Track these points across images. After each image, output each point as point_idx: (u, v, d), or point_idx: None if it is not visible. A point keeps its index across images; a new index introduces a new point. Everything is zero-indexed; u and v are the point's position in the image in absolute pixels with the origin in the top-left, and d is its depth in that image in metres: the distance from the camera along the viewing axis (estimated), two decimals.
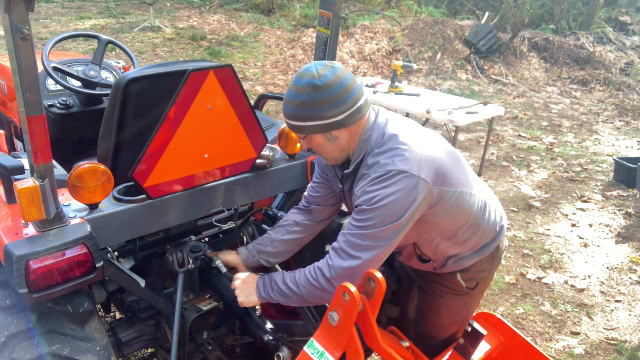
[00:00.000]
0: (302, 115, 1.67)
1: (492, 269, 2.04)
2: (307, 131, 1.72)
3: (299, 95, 1.65)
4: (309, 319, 2.16)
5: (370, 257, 1.67)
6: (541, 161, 6.24)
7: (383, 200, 1.62)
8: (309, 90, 1.63)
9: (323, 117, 1.66)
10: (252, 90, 7.85)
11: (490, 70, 9.98)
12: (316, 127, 1.69)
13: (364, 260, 1.67)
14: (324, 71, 1.64)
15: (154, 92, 1.89)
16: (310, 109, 1.65)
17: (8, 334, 1.56)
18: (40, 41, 9.10)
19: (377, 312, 1.76)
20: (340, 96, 1.65)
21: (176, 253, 2.12)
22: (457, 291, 2.01)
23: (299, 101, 1.66)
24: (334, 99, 1.64)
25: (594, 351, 3.19)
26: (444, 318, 2.10)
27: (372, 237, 1.65)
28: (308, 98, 1.64)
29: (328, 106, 1.65)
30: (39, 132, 1.46)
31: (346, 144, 1.75)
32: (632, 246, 4.40)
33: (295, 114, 1.68)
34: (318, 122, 1.67)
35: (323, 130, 1.70)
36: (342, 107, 1.66)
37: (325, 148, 1.77)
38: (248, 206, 2.48)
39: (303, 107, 1.66)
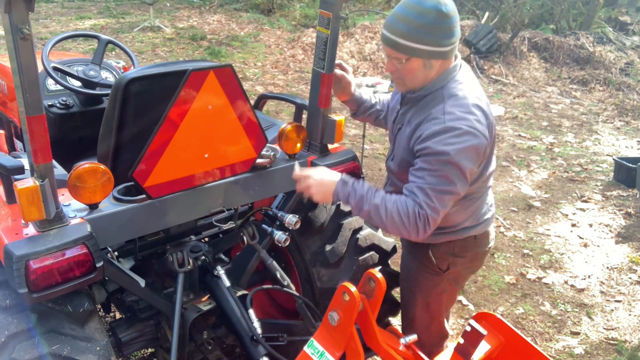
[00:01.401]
0: (418, 37, 1.69)
1: (464, 257, 2.10)
2: (415, 53, 1.73)
3: (422, 16, 1.66)
4: (309, 319, 2.16)
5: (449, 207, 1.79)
6: (541, 161, 6.24)
7: (456, 156, 1.69)
8: (434, 14, 1.66)
9: (436, 44, 1.71)
10: (252, 90, 7.85)
11: (490, 70, 9.98)
12: (426, 52, 1.72)
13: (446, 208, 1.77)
14: (448, 1, 1.69)
15: (154, 92, 1.89)
16: (430, 33, 1.68)
17: (8, 334, 1.56)
18: (40, 41, 9.10)
19: (377, 312, 1.76)
20: (454, 28, 1.72)
21: (176, 253, 2.12)
22: (429, 268, 2.11)
23: (420, 22, 1.67)
24: (450, 30, 1.70)
25: (594, 351, 3.19)
26: (417, 297, 2.22)
27: (452, 194, 1.74)
28: (431, 22, 1.66)
29: (444, 35, 1.70)
30: (39, 132, 1.46)
31: (434, 74, 1.80)
32: (632, 246, 4.40)
33: (411, 33, 1.69)
34: (430, 48, 1.71)
35: (429, 56, 1.74)
36: (452, 39, 1.73)
37: (415, 74, 1.80)
38: (248, 206, 2.48)
39: (422, 29, 1.68)
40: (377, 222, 1.83)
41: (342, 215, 2.45)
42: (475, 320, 1.88)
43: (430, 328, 2.29)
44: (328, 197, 1.89)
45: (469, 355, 1.83)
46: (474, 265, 2.20)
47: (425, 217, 1.74)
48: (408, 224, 1.75)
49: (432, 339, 2.31)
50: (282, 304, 2.92)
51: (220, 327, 2.34)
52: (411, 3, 1.69)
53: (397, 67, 1.81)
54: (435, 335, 2.33)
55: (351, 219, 2.45)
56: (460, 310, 3.47)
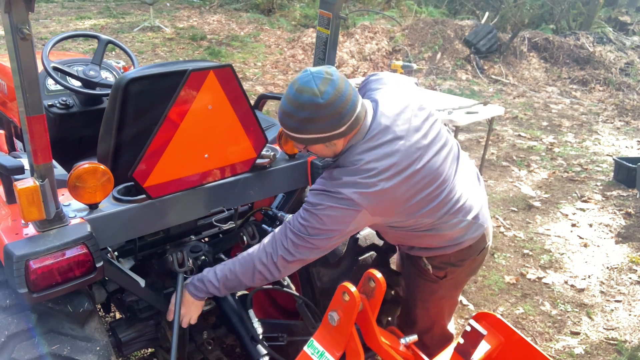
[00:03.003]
0: (304, 130, 1.70)
1: (462, 264, 2.05)
2: (309, 142, 1.76)
3: (300, 111, 1.66)
4: (309, 319, 2.16)
5: (306, 257, 1.81)
6: (541, 161, 6.24)
7: (324, 212, 1.71)
8: (311, 107, 1.64)
9: (325, 131, 1.69)
10: (252, 90, 7.85)
11: (490, 70, 9.98)
12: (317, 139, 1.73)
13: (301, 258, 1.80)
14: (324, 86, 1.64)
15: (154, 92, 1.89)
16: (313, 125, 1.67)
17: (8, 334, 1.56)
18: (40, 41, 9.10)
19: (377, 312, 1.76)
20: (341, 110, 1.66)
21: (176, 253, 2.12)
22: (426, 276, 2.10)
23: (300, 117, 1.67)
24: (336, 114, 1.66)
25: (594, 351, 3.19)
26: (417, 301, 2.22)
27: (309, 242, 1.76)
28: (310, 115, 1.65)
29: (330, 121, 1.67)
30: (39, 132, 1.46)
31: (341, 147, 1.80)
32: (632, 246, 4.40)
33: (296, 127, 1.70)
34: (320, 135, 1.71)
35: (324, 141, 1.74)
36: (344, 120, 1.68)
37: (322, 152, 1.84)
38: (248, 206, 2.48)
39: (305, 123, 1.67)
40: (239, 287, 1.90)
41: None
42: (475, 320, 1.88)
43: (433, 330, 2.28)
44: (199, 306, 1.99)
45: (469, 355, 1.83)
46: (473, 267, 2.16)
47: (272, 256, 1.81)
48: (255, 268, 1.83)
49: (434, 340, 2.29)
50: (282, 304, 2.92)
51: (220, 327, 2.34)
52: (291, 97, 1.68)
53: (302, 148, 1.85)
54: (438, 337, 2.31)
55: None
56: (460, 310, 3.47)
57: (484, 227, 2.03)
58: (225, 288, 1.89)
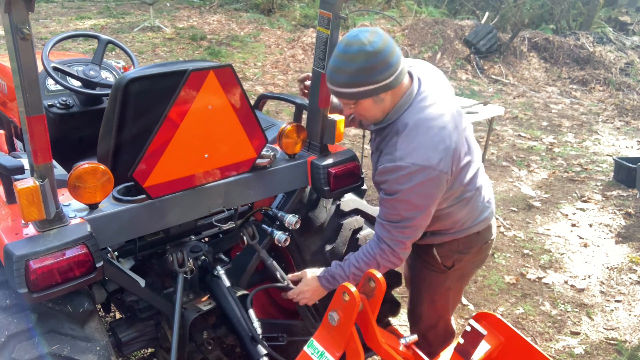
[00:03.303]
0: (356, 82, 1.76)
1: (469, 253, 2.14)
2: (359, 96, 1.80)
3: (351, 63, 1.73)
4: (309, 319, 2.16)
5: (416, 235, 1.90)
6: (541, 161, 6.24)
7: (407, 195, 1.78)
8: (362, 57, 1.71)
9: (376, 81, 1.75)
10: (252, 90, 7.85)
11: (490, 70, 9.98)
12: (368, 92, 1.78)
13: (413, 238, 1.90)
14: (372, 37, 1.72)
15: (154, 92, 1.89)
16: (365, 75, 1.74)
17: (8, 334, 1.56)
18: (40, 41, 9.10)
19: (377, 312, 1.76)
20: (389, 59, 1.74)
21: (176, 253, 2.12)
22: (434, 266, 2.16)
23: (351, 69, 1.73)
24: (385, 63, 1.74)
25: (594, 351, 3.19)
26: (423, 295, 2.26)
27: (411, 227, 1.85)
28: (362, 65, 1.72)
29: (380, 70, 1.74)
30: (39, 132, 1.46)
31: (389, 105, 1.86)
32: (632, 246, 4.40)
33: (348, 81, 1.76)
34: (371, 87, 1.76)
35: (374, 93, 1.79)
36: (391, 69, 1.76)
37: (370, 111, 1.87)
38: (248, 206, 2.48)
39: (357, 74, 1.74)
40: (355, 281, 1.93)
41: (342, 215, 2.45)
42: (475, 320, 1.88)
43: (437, 326, 2.31)
44: (322, 294, 2.08)
45: (469, 355, 1.83)
46: (479, 258, 2.23)
47: (389, 251, 1.89)
48: (379, 264, 1.91)
49: (438, 337, 2.32)
50: (282, 304, 2.92)
51: (220, 327, 2.34)
52: (340, 53, 1.76)
53: (351, 110, 1.90)
54: (442, 333, 2.33)
55: (351, 219, 2.45)
56: (460, 310, 3.47)
57: (492, 213, 2.15)
58: (354, 282, 1.94)
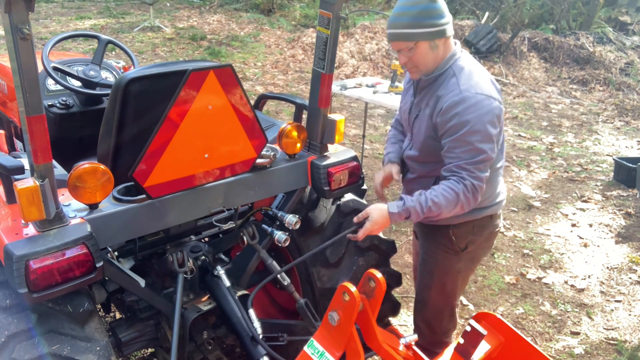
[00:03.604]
0: (418, 23, 1.94)
1: (482, 236, 2.24)
2: (420, 37, 1.96)
3: (414, 6, 1.93)
4: (309, 319, 2.16)
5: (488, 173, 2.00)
6: (541, 161, 6.24)
7: (478, 123, 1.91)
8: (425, 1, 1.93)
9: (436, 25, 1.95)
10: (252, 90, 7.85)
11: (490, 70, 9.98)
12: (428, 34, 1.95)
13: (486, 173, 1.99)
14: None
15: (154, 92, 1.89)
16: (426, 16, 1.93)
17: (8, 334, 1.56)
18: (40, 41, 9.10)
19: (377, 312, 1.77)
20: (444, 9, 1.97)
21: (176, 253, 2.12)
22: (449, 248, 2.23)
23: (415, 10, 1.93)
24: (442, 10, 1.96)
25: (594, 351, 3.19)
26: (434, 278, 2.31)
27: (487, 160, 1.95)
28: (425, 7, 1.93)
29: (439, 15, 1.95)
30: (39, 132, 1.46)
31: (441, 54, 2.03)
32: (632, 246, 4.40)
33: (411, 22, 1.94)
34: (431, 29, 1.95)
35: (432, 37, 1.96)
36: (447, 17, 1.98)
37: (425, 57, 2.01)
38: (248, 206, 2.48)
39: (420, 15, 1.93)
40: (436, 216, 2.01)
41: (342, 215, 2.45)
42: (475, 320, 1.88)
43: (443, 313, 2.36)
44: (386, 224, 2.08)
45: (469, 355, 1.83)
46: (487, 245, 2.33)
47: (472, 188, 1.95)
48: (459, 202, 1.96)
49: (443, 325, 2.37)
50: (282, 304, 2.92)
51: (220, 327, 2.34)
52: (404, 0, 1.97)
53: (408, 57, 2.02)
54: (447, 321, 2.39)
55: (351, 219, 2.45)
56: (460, 310, 3.47)
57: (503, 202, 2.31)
58: (425, 217, 2.02)
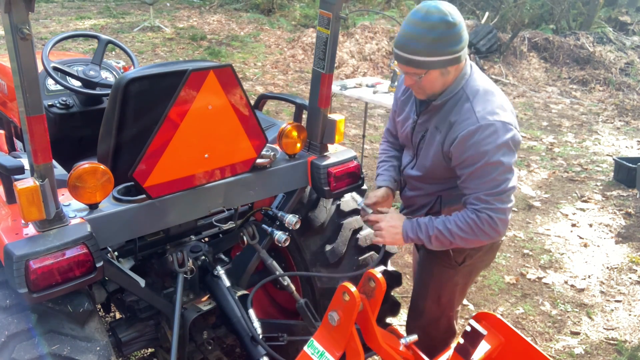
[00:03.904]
0: (433, 51, 1.77)
1: (481, 250, 2.14)
2: (433, 66, 1.80)
3: (432, 30, 1.74)
4: (309, 319, 2.16)
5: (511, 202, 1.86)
6: (541, 161, 6.24)
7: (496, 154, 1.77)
8: (443, 26, 1.74)
9: (450, 53, 1.78)
10: (252, 90, 7.85)
11: (490, 70, 9.98)
12: (442, 62, 1.79)
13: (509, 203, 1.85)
14: (449, 8, 1.77)
15: (154, 92, 1.89)
16: (443, 44, 1.76)
17: (8, 334, 1.56)
18: (40, 41, 9.10)
19: (377, 312, 1.76)
20: (462, 33, 1.80)
21: (176, 253, 2.12)
22: (445, 262, 2.16)
23: (432, 37, 1.74)
24: (460, 35, 1.78)
25: (594, 351, 3.19)
26: (429, 290, 2.26)
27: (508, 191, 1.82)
28: (442, 34, 1.74)
29: (455, 42, 1.78)
30: (39, 132, 1.46)
31: (451, 79, 1.88)
32: (632, 246, 4.40)
33: (425, 49, 1.76)
34: (445, 57, 1.78)
35: (445, 65, 1.81)
36: (462, 43, 1.80)
37: (434, 83, 1.87)
38: (248, 206, 2.48)
39: (435, 43, 1.75)
40: (447, 244, 1.92)
41: (342, 215, 2.45)
42: (475, 320, 1.88)
43: (439, 322, 2.32)
44: (397, 237, 2.00)
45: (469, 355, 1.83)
46: (488, 257, 2.25)
47: (488, 221, 1.82)
48: (474, 233, 1.85)
49: (439, 333, 2.32)
50: (282, 304, 2.92)
51: (220, 327, 2.34)
52: (418, 20, 1.76)
53: (415, 81, 1.88)
54: (443, 330, 2.34)
55: (351, 219, 2.45)
56: (460, 310, 3.47)
57: None
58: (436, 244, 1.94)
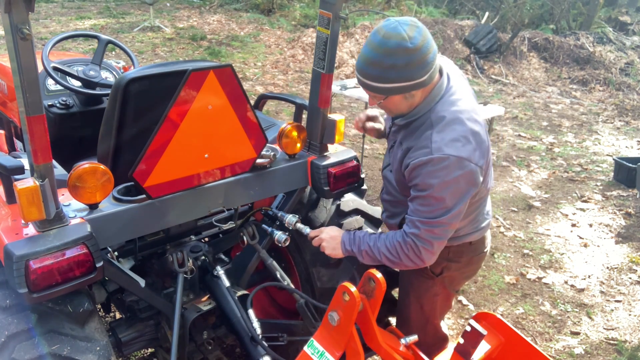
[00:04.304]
0: (389, 78, 1.66)
1: (459, 262, 2.11)
2: (390, 92, 1.71)
3: (387, 58, 1.62)
4: (309, 319, 2.16)
5: (444, 238, 1.80)
6: (541, 161, 6.24)
7: (441, 190, 1.69)
8: (400, 53, 1.61)
9: (411, 79, 1.66)
10: (252, 90, 7.85)
11: (490, 70, 9.98)
12: (402, 88, 1.69)
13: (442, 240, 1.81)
14: (412, 32, 1.61)
15: (154, 92, 1.89)
16: (400, 71, 1.64)
17: (8, 334, 1.56)
18: (40, 41, 9.10)
19: (377, 312, 1.76)
20: (426, 57, 1.64)
21: (176, 253, 2.12)
22: (423, 272, 2.13)
23: (387, 64, 1.63)
24: (422, 61, 1.64)
25: (594, 351, 3.19)
26: (410, 299, 2.25)
27: (442, 225, 1.75)
28: (399, 61, 1.62)
29: (417, 68, 1.64)
30: (39, 132, 1.46)
31: (418, 101, 1.78)
32: (632, 246, 4.40)
33: (381, 75, 1.66)
34: (404, 84, 1.67)
35: (407, 90, 1.70)
36: (427, 67, 1.66)
37: (398, 106, 1.79)
38: (248, 206, 2.48)
39: (393, 70, 1.64)
40: (377, 261, 1.92)
41: (342, 215, 2.45)
42: (475, 320, 1.88)
43: (426, 329, 2.30)
44: (337, 249, 2.03)
45: (469, 355, 1.83)
46: (469, 270, 2.21)
47: (412, 247, 1.80)
48: (397, 256, 1.84)
49: (427, 338, 2.31)
50: (282, 304, 2.92)
51: (220, 327, 2.34)
52: (376, 44, 1.64)
53: (378, 102, 1.81)
54: (431, 336, 2.33)
55: (351, 219, 2.45)
56: (460, 310, 3.47)
57: (489, 225, 2.12)
58: (367, 258, 1.94)
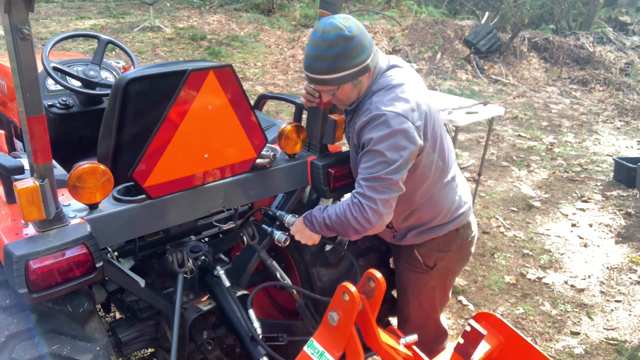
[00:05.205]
0: (337, 67, 1.81)
1: (450, 251, 2.18)
2: (341, 81, 1.85)
3: (331, 49, 1.78)
4: (309, 319, 2.16)
5: (387, 195, 1.83)
6: (541, 161, 6.24)
7: (380, 143, 1.79)
8: (341, 42, 1.77)
9: (356, 64, 1.82)
10: (252, 90, 7.85)
11: (490, 70, 9.98)
12: (349, 75, 1.83)
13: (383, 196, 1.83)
14: (347, 23, 1.79)
15: (154, 92, 1.89)
16: (345, 59, 1.79)
17: (8, 334, 1.56)
18: (40, 41, 9.10)
19: (377, 312, 1.76)
20: (365, 42, 1.82)
21: (176, 253, 2.12)
22: (417, 268, 2.20)
23: (332, 55, 1.78)
24: (362, 45, 1.81)
25: (594, 351, 3.19)
26: (409, 297, 2.29)
27: (382, 179, 1.81)
28: (342, 50, 1.77)
29: (359, 53, 1.80)
30: (39, 132, 1.46)
31: (365, 87, 1.93)
32: (632, 246, 4.40)
33: (330, 67, 1.81)
34: (352, 70, 1.82)
35: (355, 76, 1.85)
36: (368, 51, 1.83)
37: (349, 94, 1.93)
38: (248, 206, 2.48)
39: (338, 59, 1.79)
40: (330, 231, 1.97)
41: None
42: (475, 320, 1.88)
43: (427, 327, 2.32)
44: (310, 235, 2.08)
45: (469, 355, 1.83)
46: (462, 256, 2.25)
47: (358, 206, 1.84)
48: (345, 218, 1.87)
49: (429, 336, 2.33)
50: (282, 304, 2.92)
51: (220, 327, 2.34)
52: (318, 40, 1.80)
53: (332, 97, 1.95)
54: (433, 333, 2.34)
55: None
56: (460, 310, 3.47)
57: (470, 209, 2.19)
58: (325, 229, 1.99)
